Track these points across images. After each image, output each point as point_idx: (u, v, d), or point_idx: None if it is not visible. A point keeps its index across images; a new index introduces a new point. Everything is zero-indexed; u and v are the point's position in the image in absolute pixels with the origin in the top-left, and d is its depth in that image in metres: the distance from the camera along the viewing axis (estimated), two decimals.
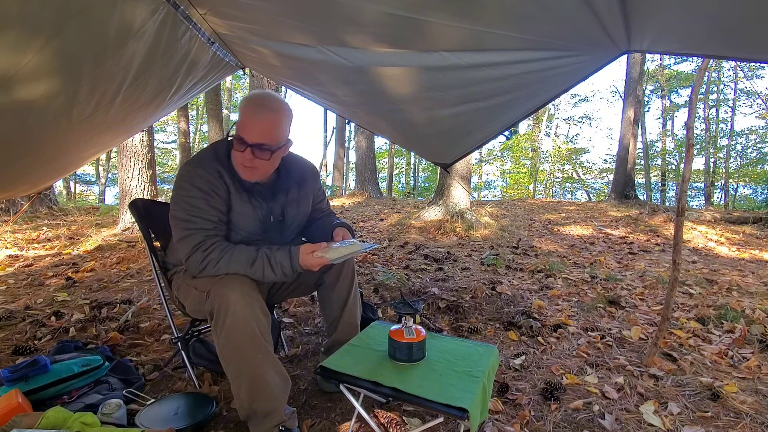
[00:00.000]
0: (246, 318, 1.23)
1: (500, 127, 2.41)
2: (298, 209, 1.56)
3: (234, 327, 1.22)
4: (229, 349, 1.25)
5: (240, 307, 1.23)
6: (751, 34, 0.99)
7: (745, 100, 16.14)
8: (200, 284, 1.33)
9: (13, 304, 2.63)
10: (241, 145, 1.31)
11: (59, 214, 6.27)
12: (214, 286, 1.27)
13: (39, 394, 1.50)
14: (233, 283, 1.27)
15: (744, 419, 1.54)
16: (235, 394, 1.30)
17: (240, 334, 1.23)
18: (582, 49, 1.34)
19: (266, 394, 1.28)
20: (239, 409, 1.31)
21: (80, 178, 18.38)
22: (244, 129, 1.31)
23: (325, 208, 1.72)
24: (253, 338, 1.24)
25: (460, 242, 5.10)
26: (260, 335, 1.26)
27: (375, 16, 1.35)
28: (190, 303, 1.42)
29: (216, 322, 1.24)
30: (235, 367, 1.26)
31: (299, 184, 1.55)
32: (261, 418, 1.29)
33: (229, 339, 1.23)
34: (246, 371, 1.26)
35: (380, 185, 12.87)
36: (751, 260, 4.51)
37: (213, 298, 1.24)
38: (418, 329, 1.33)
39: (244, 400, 1.28)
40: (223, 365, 1.28)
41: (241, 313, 1.22)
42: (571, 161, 18.85)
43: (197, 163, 1.38)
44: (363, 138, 12.06)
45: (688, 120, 1.93)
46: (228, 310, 1.22)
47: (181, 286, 1.46)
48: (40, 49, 1.26)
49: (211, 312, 1.25)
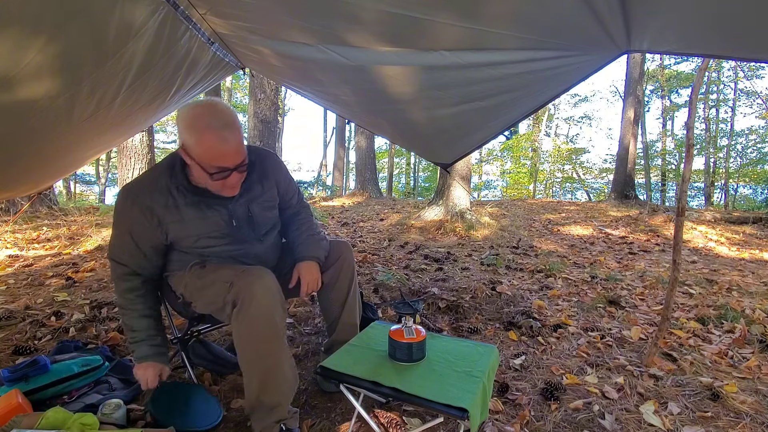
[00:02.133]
0: (270, 309, 1.25)
1: (500, 127, 2.41)
2: (265, 205, 1.50)
3: (258, 316, 1.24)
4: (251, 337, 1.26)
5: (266, 298, 1.25)
6: (751, 34, 0.99)
7: (745, 100, 16.15)
8: (223, 275, 1.33)
9: (13, 304, 2.63)
10: (222, 174, 1.25)
11: (59, 214, 6.27)
12: (238, 277, 1.28)
13: (39, 394, 1.50)
14: (259, 273, 1.29)
15: (744, 419, 1.54)
16: (246, 384, 1.30)
17: (262, 324, 1.25)
18: (582, 49, 1.34)
19: (276, 387, 1.30)
20: (246, 400, 1.32)
21: (80, 178, 18.38)
22: (218, 159, 1.22)
23: (295, 204, 1.68)
24: (274, 329, 1.27)
25: (460, 242, 5.10)
26: (280, 328, 1.29)
27: (375, 15, 1.34)
28: (205, 297, 1.38)
29: (239, 310, 1.24)
30: (252, 356, 1.28)
31: (260, 178, 1.49)
32: (266, 411, 1.30)
33: (251, 328, 1.25)
34: (261, 361, 1.28)
35: (380, 185, 12.87)
36: (751, 260, 4.51)
37: (238, 288, 1.26)
38: (418, 329, 1.33)
39: (253, 390, 1.29)
40: (239, 354, 1.29)
41: (266, 304, 1.25)
42: (571, 161, 18.85)
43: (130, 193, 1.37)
44: (363, 138, 12.07)
45: (688, 120, 1.93)
46: (253, 299, 1.23)
47: (189, 283, 1.43)
48: (41, 49, 1.26)
49: (234, 301, 1.25)
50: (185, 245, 1.41)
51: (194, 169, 1.28)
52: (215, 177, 1.25)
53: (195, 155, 1.23)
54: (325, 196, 11.96)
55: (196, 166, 1.25)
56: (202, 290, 1.39)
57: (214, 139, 1.20)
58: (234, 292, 1.26)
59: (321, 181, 18.90)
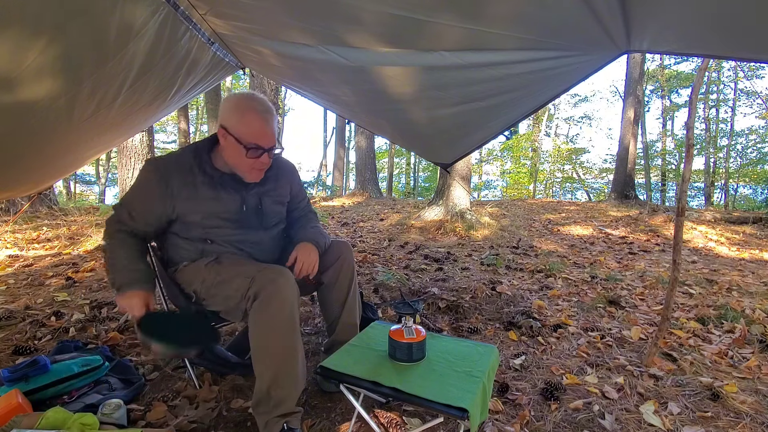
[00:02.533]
0: (292, 303, 1.31)
1: (500, 127, 2.41)
2: (275, 200, 1.61)
3: (281, 310, 1.29)
4: (273, 330, 1.29)
5: (289, 293, 1.31)
6: (751, 34, 0.99)
7: (745, 100, 16.15)
8: (244, 270, 1.37)
9: (13, 304, 2.63)
10: (257, 152, 1.39)
11: (59, 214, 6.27)
12: (261, 273, 1.33)
13: (39, 394, 1.50)
14: (281, 269, 1.35)
15: (744, 419, 1.54)
16: (258, 375, 1.32)
17: (284, 317, 1.29)
18: (582, 49, 1.34)
19: (287, 381, 1.31)
20: (255, 393, 1.33)
21: (80, 178, 18.38)
22: (258, 138, 1.38)
23: (303, 207, 1.79)
24: (293, 324, 1.32)
25: (460, 242, 5.10)
26: (298, 324, 1.34)
27: (376, 17, 1.35)
28: (225, 291, 1.39)
29: (262, 303, 1.28)
30: (270, 349, 1.31)
31: (276, 177, 1.61)
32: (272, 405, 1.30)
33: (273, 320, 1.29)
34: (279, 354, 1.31)
35: (380, 185, 12.87)
36: (751, 260, 4.51)
37: (261, 282, 1.30)
38: (418, 329, 1.33)
39: (265, 382, 1.30)
40: (255, 346, 1.31)
41: (289, 299, 1.30)
42: (571, 161, 18.86)
43: (153, 163, 1.46)
44: (363, 138, 12.07)
45: (688, 120, 1.93)
46: (278, 293, 1.29)
47: (207, 279, 1.44)
48: (42, 50, 1.26)
49: (256, 294, 1.29)
50: (191, 220, 1.46)
51: (229, 148, 1.40)
52: (250, 154, 1.38)
53: (235, 132, 1.37)
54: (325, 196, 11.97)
55: (233, 144, 1.38)
56: (221, 285, 1.41)
57: (258, 118, 1.38)
58: (257, 285, 1.30)
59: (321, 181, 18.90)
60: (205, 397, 1.62)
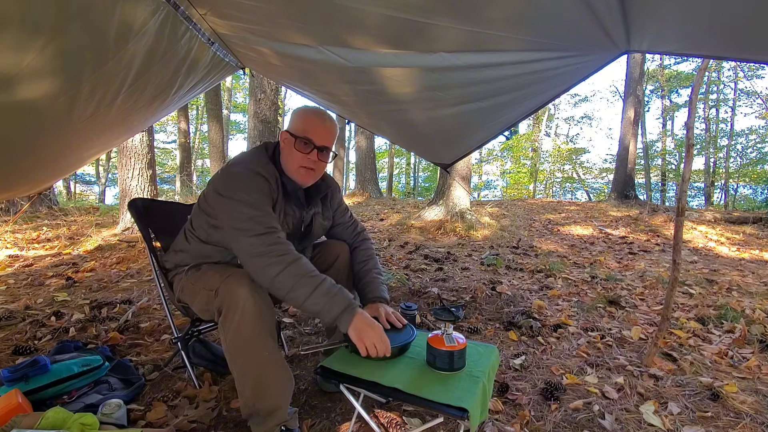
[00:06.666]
0: (255, 316, 1.23)
1: (500, 127, 2.41)
2: (322, 222, 1.62)
3: (243, 324, 1.22)
4: (237, 346, 1.25)
5: (250, 304, 1.23)
6: (751, 34, 0.99)
7: (745, 100, 16.16)
8: (209, 282, 1.33)
9: (13, 304, 2.63)
10: (307, 147, 1.39)
11: (59, 214, 6.27)
12: (223, 284, 1.27)
13: (39, 394, 1.50)
14: (243, 279, 1.26)
15: (744, 419, 1.54)
16: (240, 391, 1.29)
17: (249, 331, 1.23)
18: (582, 49, 1.34)
19: (271, 392, 1.28)
20: (242, 407, 1.31)
21: (80, 178, 18.39)
22: (310, 132, 1.40)
23: (347, 221, 1.73)
24: (261, 336, 1.25)
25: (460, 242, 5.10)
26: (268, 333, 1.27)
27: (376, 19, 1.35)
28: (198, 303, 1.40)
29: (225, 318, 1.24)
30: (242, 364, 1.27)
31: (324, 198, 1.63)
32: (263, 416, 1.29)
33: (237, 336, 1.23)
34: (252, 369, 1.26)
35: (380, 185, 12.88)
36: (751, 260, 4.51)
37: (222, 296, 1.25)
38: (458, 337, 1.26)
39: (248, 398, 1.28)
40: (229, 362, 1.28)
41: (251, 311, 1.22)
42: (571, 161, 18.86)
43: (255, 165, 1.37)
44: (363, 138, 12.07)
45: (688, 120, 1.93)
46: (238, 307, 1.22)
47: (186, 287, 1.45)
48: (41, 49, 1.26)
49: (219, 309, 1.25)
50: None
51: (285, 149, 1.42)
52: (298, 144, 1.39)
53: (291, 128, 1.42)
54: None
55: (287, 140, 1.41)
56: (193, 296, 1.40)
57: (315, 115, 1.44)
58: (218, 300, 1.25)
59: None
60: (205, 397, 1.62)
